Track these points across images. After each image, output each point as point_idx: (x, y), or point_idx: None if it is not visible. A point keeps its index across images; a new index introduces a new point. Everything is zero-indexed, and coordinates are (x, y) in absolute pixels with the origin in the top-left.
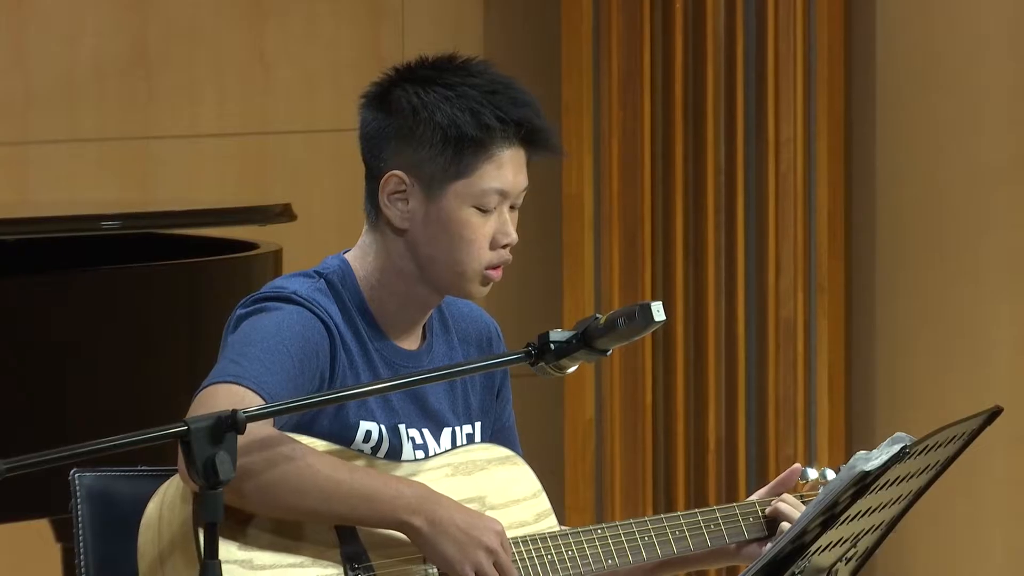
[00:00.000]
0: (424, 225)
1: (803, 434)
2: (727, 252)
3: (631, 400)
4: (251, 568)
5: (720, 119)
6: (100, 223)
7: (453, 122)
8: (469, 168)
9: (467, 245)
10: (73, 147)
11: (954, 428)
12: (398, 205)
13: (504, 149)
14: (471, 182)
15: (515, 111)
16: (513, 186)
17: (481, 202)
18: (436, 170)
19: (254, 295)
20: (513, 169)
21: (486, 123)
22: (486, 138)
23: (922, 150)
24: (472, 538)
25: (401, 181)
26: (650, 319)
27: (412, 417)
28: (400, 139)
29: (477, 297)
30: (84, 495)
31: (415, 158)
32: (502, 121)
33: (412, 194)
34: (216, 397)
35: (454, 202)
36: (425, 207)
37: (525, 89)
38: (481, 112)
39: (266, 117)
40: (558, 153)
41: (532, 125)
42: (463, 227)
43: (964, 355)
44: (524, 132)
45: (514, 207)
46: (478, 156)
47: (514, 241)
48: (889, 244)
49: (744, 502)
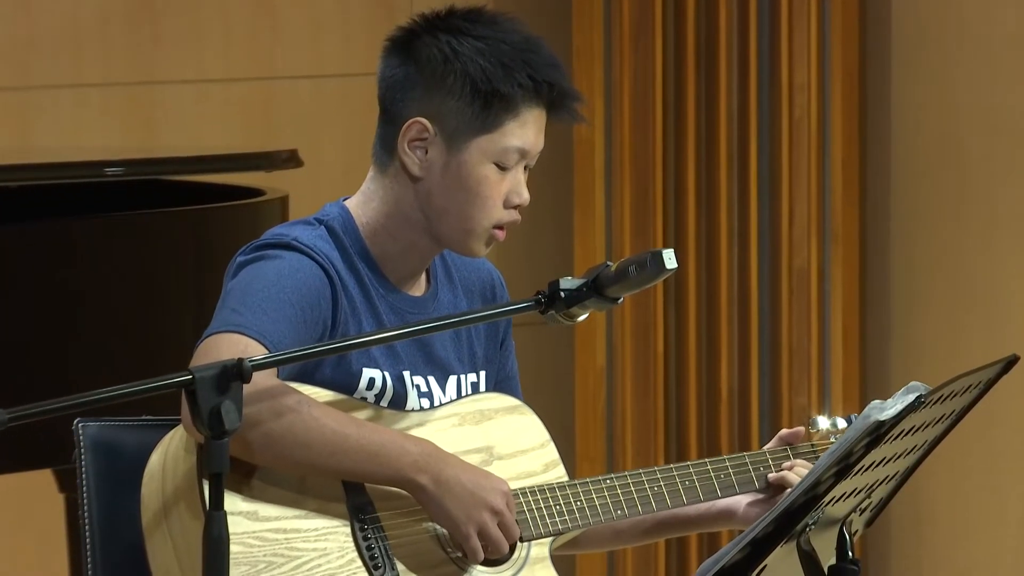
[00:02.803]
0: (442, 176)
1: (817, 383)
2: (740, 200)
3: (642, 349)
4: (256, 520)
5: (733, 65)
6: (104, 170)
7: (485, 76)
8: (495, 124)
9: (482, 201)
10: (77, 92)
11: (970, 377)
12: (417, 153)
13: (532, 109)
14: (494, 138)
15: (547, 72)
16: (534, 146)
17: (502, 159)
18: (461, 122)
19: (255, 242)
20: (535, 129)
21: (518, 80)
22: (516, 95)
23: (939, 96)
24: (477, 498)
25: (424, 129)
26: (662, 267)
27: (417, 364)
28: (427, 87)
29: (478, 255)
30: (88, 445)
31: (441, 107)
32: (534, 80)
33: (433, 143)
34: (218, 347)
35: (476, 156)
36: (445, 158)
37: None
38: (514, 69)
39: (273, 62)
40: (579, 119)
41: (562, 88)
42: (480, 183)
43: (980, 304)
44: (554, 94)
45: (528, 167)
46: (506, 112)
47: (526, 202)
48: (905, 191)
49: (755, 452)
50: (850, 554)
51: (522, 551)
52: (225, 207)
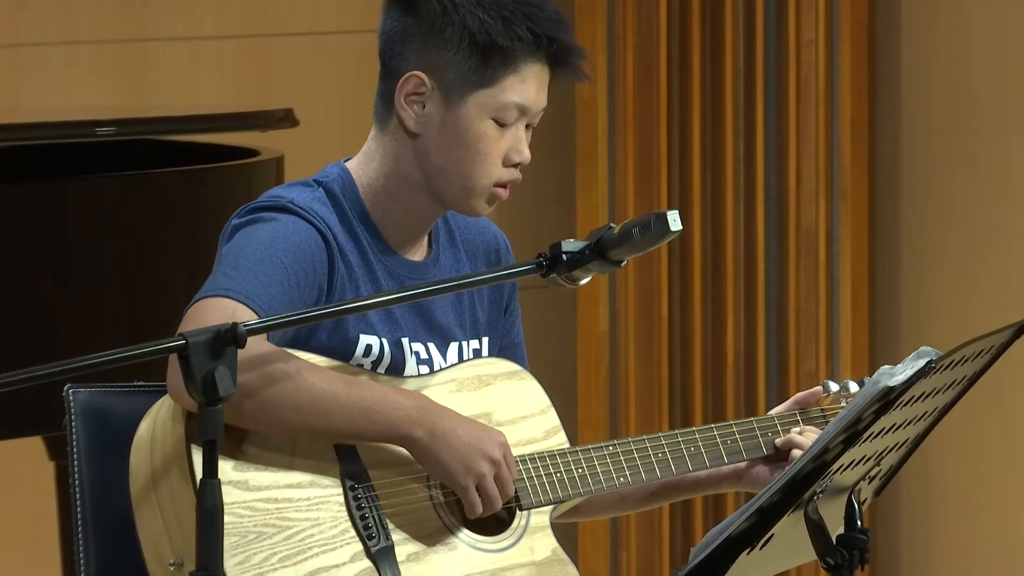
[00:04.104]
0: (439, 132)
1: (825, 348)
2: (746, 159)
3: (646, 313)
4: (247, 489)
5: (739, 19)
6: (95, 129)
7: (484, 28)
8: (493, 78)
9: (481, 158)
10: (67, 50)
11: (982, 342)
12: (414, 108)
13: (532, 64)
14: (493, 93)
15: (549, 26)
16: (535, 103)
17: (500, 115)
18: (459, 76)
19: (250, 204)
20: (536, 85)
21: (518, 34)
22: (515, 49)
23: (950, 52)
24: (475, 448)
25: (421, 83)
26: (666, 229)
27: (417, 331)
28: (425, 39)
29: (481, 214)
30: (79, 412)
31: (439, 61)
32: (534, 34)
33: (431, 98)
34: (205, 312)
35: (474, 111)
36: (442, 113)
37: (559, 8)
38: (513, 22)
39: (268, 18)
40: (583, 77)
41: (563, 43)
42: (479, 139)
43: (993, 266)
44: (555, 49)
45: (530, 126)
46: (505, 67)
47: (527, 160)
48: (915, 150)
49: (762, 416)
50: (859, 523)
51: (521, 520)
52: (219, 168)
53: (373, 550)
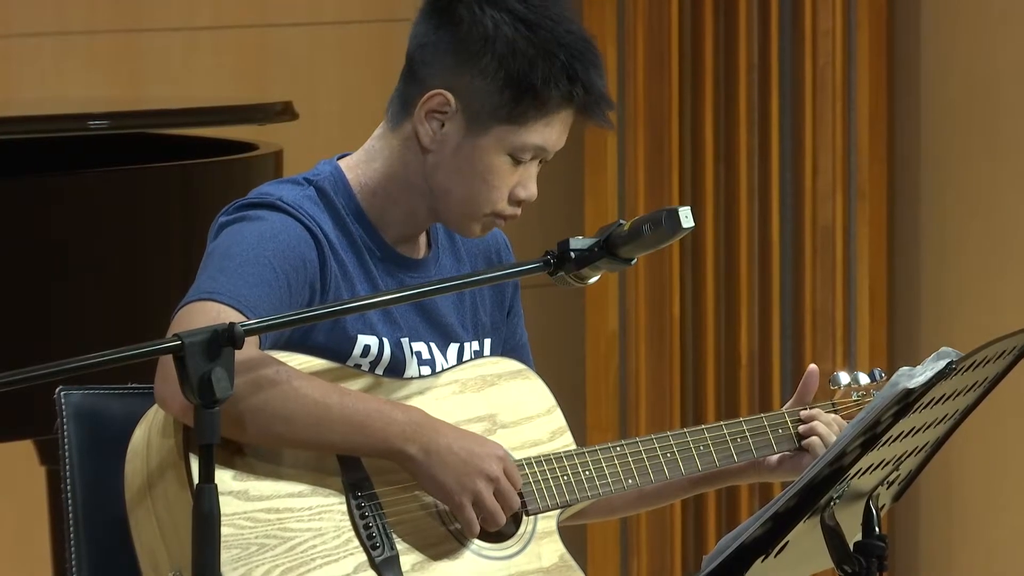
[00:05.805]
0: (453, 154)
1: (842, 348)
2: (760, 153)
3: (657, 311)
4: (246, 499)
5: (753, 9)
6: (88, 123)
7: (523, 67)
8: (521, 118)
9: (488, 190)
10: (60, 41)
11: (1004, 342)
12: (433, 124)
13: (561, 110)
14: (517, 131)
15: (587, 75)
16: (554, 145)
17: (518, 153)
18: (486, 106)
19: (238, 201)
20: (559, 130)
21: (555, 80)
22: (550, 96)
23: (971, 41)
24: (471, 466)
25: (446, 102)
26: (677, 225)
27: (418, 330)
28: (459, 59)
29: (472, 236)
30: (71, 414)
31: (470, 86)
32: (572, 82)
33: (452, 119)
34: (191, 317)
35: (493, 143)
36: (461, 137)
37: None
38: (554, 68)
39: (266, 8)
40: (606, 126)
41: (597, 94)
42: (490, 171)
43: (1016, 264)
44: (588, 100)
45: (542, 162)
46: (535, 110)
47: (532, 198)
48: (935, 144)
49: (772, 413)
50: (877, 529)
51: (528, 525)
52: (216, 162)
53: (378, 560)
